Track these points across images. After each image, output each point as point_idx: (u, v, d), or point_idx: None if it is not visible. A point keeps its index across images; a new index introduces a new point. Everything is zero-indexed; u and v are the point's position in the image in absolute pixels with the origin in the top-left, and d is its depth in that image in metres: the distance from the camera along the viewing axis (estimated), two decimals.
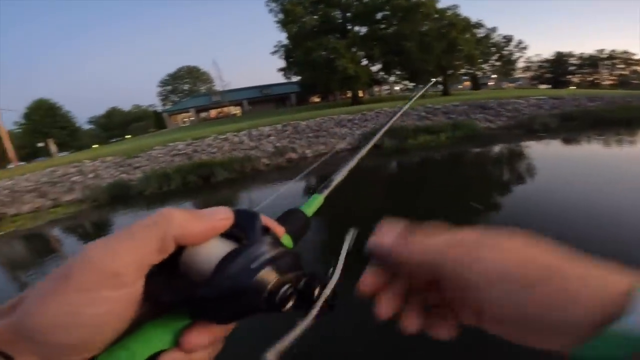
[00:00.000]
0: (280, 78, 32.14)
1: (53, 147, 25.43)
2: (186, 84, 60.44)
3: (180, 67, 60.33)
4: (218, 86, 51.98)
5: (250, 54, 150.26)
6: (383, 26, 25.36)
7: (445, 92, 27.02)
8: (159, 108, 55.63)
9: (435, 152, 10.91)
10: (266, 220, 0.26)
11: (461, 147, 11.18)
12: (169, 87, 59.73)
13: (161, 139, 14.93)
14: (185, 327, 0.22)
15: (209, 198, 10.00)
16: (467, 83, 43.88)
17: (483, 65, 32.50)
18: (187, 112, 43.15)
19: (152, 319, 0.22)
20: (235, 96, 43.34)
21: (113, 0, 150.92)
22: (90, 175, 12.32)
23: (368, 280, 0.27)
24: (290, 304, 0.22)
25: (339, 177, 0.40)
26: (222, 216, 0.23)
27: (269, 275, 0.22)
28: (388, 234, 0.27)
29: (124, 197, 11.06)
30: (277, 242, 0.24)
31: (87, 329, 0.19)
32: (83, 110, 58.10)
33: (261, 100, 43.72)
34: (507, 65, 36.67)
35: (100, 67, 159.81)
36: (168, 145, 13.23)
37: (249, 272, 0.21)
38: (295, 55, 25.87)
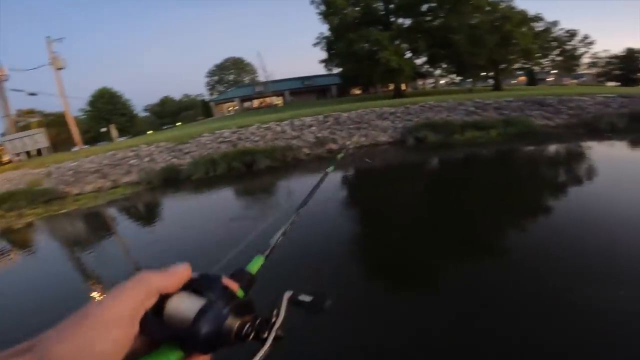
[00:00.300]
0: (322, 69, 32.11)
1: (114, 132, 27.71)
2: (231, 74, 62.58)
3: (226, 59, 62.53)
4: (261, 77, 53.25)
5: (293, 45, 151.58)
6: (429, 18, 24.34)
7: (496, 87, 25.45)
8: (207, 97, 58.36)
9: (484, 149, 10.36)
10: (225, 280, 0.35)
11: (513, 145, 10.51)
12: (216, 78, 62.24)
13: (208, 127, 15.65)
14: (176, 358, 0.30)
15: (251, 184, 10.36)
16: (522, 78, 40.87)
17: (541, 60, 30.06)
18: (232, 101, 44.74)
19: (143, 355, 0.29)
20: (277, 87, 44.13)
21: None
22: (146, 159, 13.26)
23: None
24: (251, 337, 0.32)
25: (275, 240, 0.47)
26: (182, 270, 0.33)
27: (233, 320, 0.32)
28: None
29: (174, 180, 11.79)
30: (234, 296, 0.34)
31: None
32: (140, 98, 62.55)
33: (303, 91, 44.11)
34: (570, 60, 33.64)
35: (154, 58, 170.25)
36: (215, 133, 13.83)
37: (220, 320, 0.31)
38: (336, 47, 25.58)
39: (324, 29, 27.12)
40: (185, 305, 0.31)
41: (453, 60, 24.34)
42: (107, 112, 36.84)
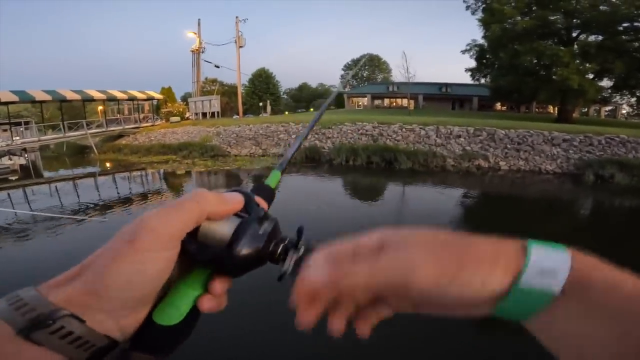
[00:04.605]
0: (460, 78, 29.72)
1: (268, 108, 31.84)
2: (366, 70, 63.80)
3: (363, 54, 63.85)
4: (400, 77, 52.50)
5: (428, 49, 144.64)
6: (627, 37, 19.83)
7: None
8: (339, 89, 61.11)
9: None
10: (257, 198, 0.33)
11: None
12: (351, 72, 64.42)
13: (348, 117, 16.26)
14: (207, 279, 0.28)
15: (390, 181, 10.30)
16: None
17: None
18: (364, 96, 45.74)
19: (179, 277, 0.28)
20: (411, 89, 42.93)
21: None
22: (293, 136, 14.64)
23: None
24: (279, 259, 0.29)
25: (291, 154, 0.44)
26: (238, 200, 0.29)
27: (267, 241, 0.29)
28: (316, 271, 0.24)
29: (315, 160, 12.73)
30: (266, 214, 0.31)
31: (149, 283, 0.24)
32: (280, 80, 69.96)
33: (438, 97, 41.85)
34: None
35: (299, 46, 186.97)
36: (356, 124, 14.26)
37: (256, 240, 0.28)
38: (491, 56, 23.42)
39: (471, 34, 24.88)
40: (221, 225, 0.28)
41: None
42: (261, 90, 42.40)
